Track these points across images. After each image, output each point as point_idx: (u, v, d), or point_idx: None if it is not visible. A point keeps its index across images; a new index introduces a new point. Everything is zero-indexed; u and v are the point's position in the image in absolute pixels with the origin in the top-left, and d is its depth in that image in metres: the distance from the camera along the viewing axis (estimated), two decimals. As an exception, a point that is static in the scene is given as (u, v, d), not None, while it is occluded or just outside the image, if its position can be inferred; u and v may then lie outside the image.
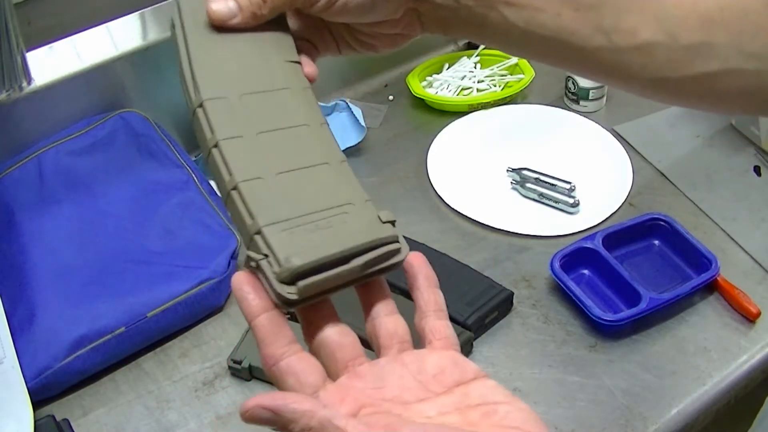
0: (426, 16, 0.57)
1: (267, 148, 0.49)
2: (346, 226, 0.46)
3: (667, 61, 0.55)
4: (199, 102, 0.50)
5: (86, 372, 0.86)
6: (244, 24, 0.54)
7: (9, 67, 0.93)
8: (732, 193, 1.07)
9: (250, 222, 0.46)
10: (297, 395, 0.41)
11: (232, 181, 0.47)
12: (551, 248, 0.96)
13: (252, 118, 0.50)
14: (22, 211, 0.95)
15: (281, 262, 0.44)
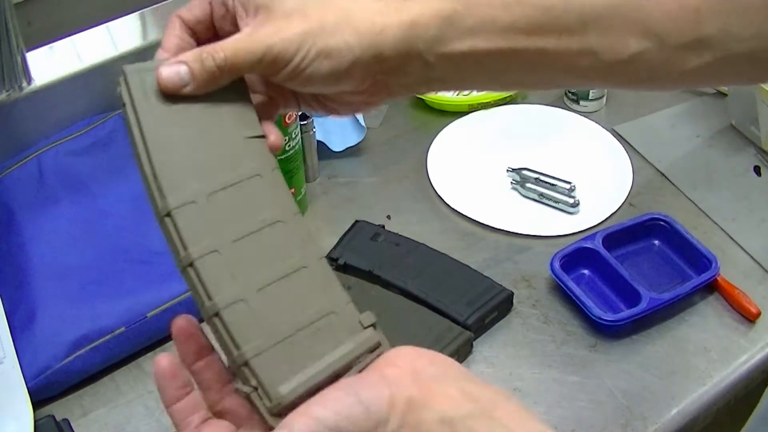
0: (395, 84, 0.54)
1: (244, 260, 0.48)
2: (330, 342, 0.47)
3: (660, 64, 0.54)
4: (167, 211, 0.47)
5: (86, 372, 0.86)
6: (198, 92, 0.50)
7: (9, 67, 0.93)
8: (732, 193, 1.07)
9: (236, 353, 0.46)
10: None
11: (212, 307, 0.46)
12: (551, 248, 0.96)
13: (224, 223, 0.48)
14: (22, 211, 0.95)
15: (271, 397, 0.45)
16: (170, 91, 0.49)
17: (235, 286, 0.47)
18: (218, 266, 0.47)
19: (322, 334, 0.47)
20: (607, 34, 0.53)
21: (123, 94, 0.50)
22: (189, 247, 0.46)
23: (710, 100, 1.21)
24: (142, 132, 0.49)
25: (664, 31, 0.53)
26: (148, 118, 0.49)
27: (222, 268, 0.47)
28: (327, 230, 1.01)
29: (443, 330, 0.87)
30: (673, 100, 1.21)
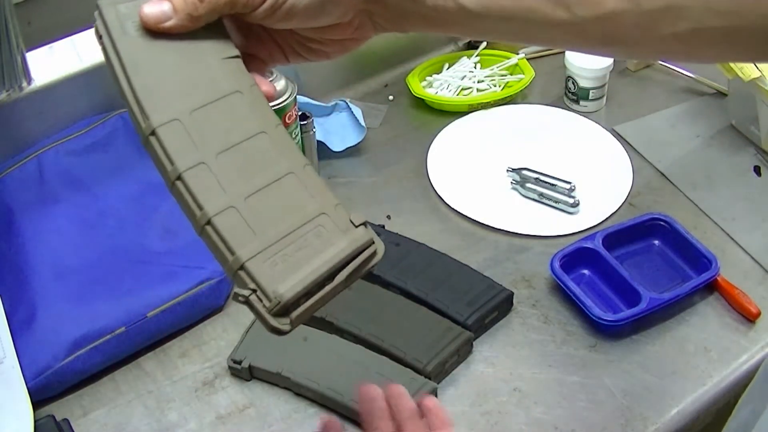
0: (378, 15, 0.55)
1: (231, 171, 0.48)
2: (323, 241, 0.47)
3: (633, 27, 0.54)
4: (151, 129, 0.48)
5: (86, 372, 0.86)
6: (180, 27, 0.51)
7: (9, 67, 0.93)
8: (732, 193, 1.07)
9: (231, 258, 0.46)
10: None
11: (204, 215, 0.47)
12: (551, 248, 0.96)
13: (207, 137, 0.49)
14: (22, 211, 0.95)
15: (270, 297, 0.45)
16: (152, 24, 0.51)
17: (225, 195, 0.47)
18: (206, 178, 0.47)
19: (315, 235, 0.47)
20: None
21: (98, 27, 0.52)
22: (176, 162, 0.47)
23: (710, 100, 1.21)
24: (120, 59, 0.50)
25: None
26: (126, 46, 0.50)
27: (210, 180, 0.47)
28: (327, 230, 1.01)
29: (443, 330, 0.87)
30: (673, 100, 1.21)
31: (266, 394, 0.86)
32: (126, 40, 0.51)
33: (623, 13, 0.53)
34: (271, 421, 0.84)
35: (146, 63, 0.50)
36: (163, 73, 0.50)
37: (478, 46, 1.28)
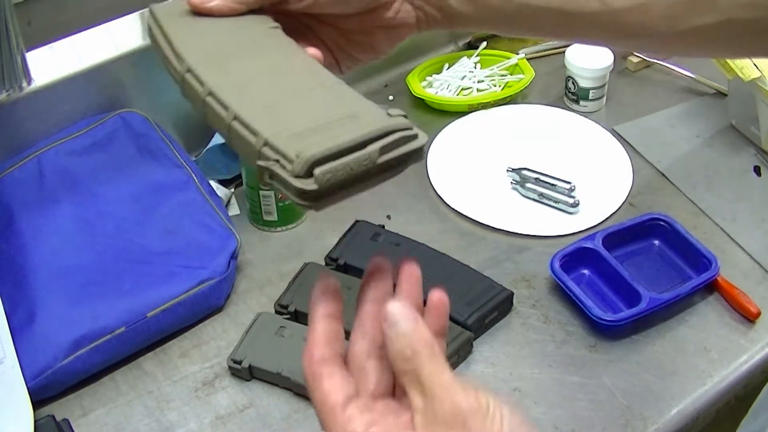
0: None
1: (262, 86, 0.48)
2: (355, 123, 0.44)
3: (664, 18, 0.55)
4: (186, 68, 0.49)
5: (86, 372, 0.86)
6: (223, 6, 0.53)
7: (9, 67, 0.93)
8: (732, 193, 1.07)
9: (254, 139, 0.44)
10: None
11: (230, 114, 0.45)
12: (551, 248, 0.96)
13: (241, 69, 0.50)
14: (22, 211, 0.95)
15: (292, 158, 0.41)
16: (197, 4, 0.53)
17: (255, 99, 0.47)
18: (235, 90, 0.47)
19: (347, 120, 0.45)
20: None
21: (150, 23, 0.54)
22: (206, 82, 0.48)
23: (710, 100, 1.21)
24: (166, 35, 0.52)
25: None
26: (173, 28, 0.53)
27: (240, 91, 0.47)
28: (327, 230, 1.01)
29: (443, 330, 0.87)
30: (673, 100, 1.21)
31: (266, 394, 0.86)
32: (173, 25, 0.53)
33: (653, 3, 0.55)
34: (271, 421, 0.84)
35: (189, 33, 0.53)
36: (204, 38, 0.52)
37: (478, 46, 1.28)
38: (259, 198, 1.01)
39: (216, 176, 1.07)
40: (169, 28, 0.53)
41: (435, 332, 0.45)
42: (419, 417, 0.42)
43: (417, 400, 0.42)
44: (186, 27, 0.53)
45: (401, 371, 0.43)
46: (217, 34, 0.53)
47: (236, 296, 0.96)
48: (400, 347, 0.42)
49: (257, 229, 1.04)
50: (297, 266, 0.96)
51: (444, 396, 0.41)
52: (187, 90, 0.50)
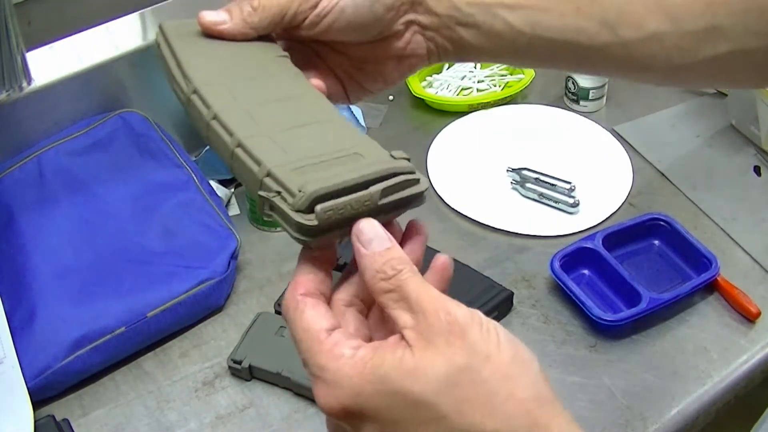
0: (429, 29, 0.56)
1: (267, 114, 0.48)
2: (359, 162, 0.44)
3: (676, 49, 0.55)
4: (192, 89, 0.49)
5: (86, 372, 0.86)
6: (234, 30, 0.53)
7: (9, 67, 0.93)
8: (732, 193, 1.07)
9: (257, 168, 0.44)
10: None
11: (234, 140, 0.45)
12: (551, 248, 0.96)
13: (247, 95, 0.50)
14: (22, 211, 0.95)
15: (295, 192, 0.41)
16: (208, 25, 0.53)
17: (259, 127, 0.47)
18: (240, 116, 0.47)
19: (350, 158, 0.45)
20: (625, 10, 0.55)
21: (158, 38, 0.54)
22: (212, 106, 0.48)
23: (710, 100, 1.21)
24: (174, 52, 0.52)
25: (680, 15, 0.54)
26: (181, 46, 0.53)
27: (245, 117, 0.47)
28: (327, 230, 1.01)
29: (443, 330, 0.87)
30: (673, 100, 1.21)
31: (266, 394, 0.86)
32: (182, 43, 0.53)
33: (665, 34, 0.54)
34: (271, 421, 0.84)
35: (197, 52, 0.53)
36: (212, 58, 0.53)
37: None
38: (259, 198, 1.00)
39: (216, 176, 1.07)
40: (177, 46, 0.53)
41: None
42: (411, 332, 0.40)
43: (405, 318, 0.40)
44: (195, 48, 0.53)
45: (382, 290, 0.41)
46: (226, 58, 0.53)
47: (236, 296, 0.96)
48: (378, 266, 0.41)
49: (257, 229, 1.04)
50: (297, 266, 0.95)
51: (437, 308, 0.40)
52: (191, 111, 0.50)
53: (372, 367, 0.39)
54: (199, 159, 1.07)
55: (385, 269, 0.41)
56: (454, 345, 0.39)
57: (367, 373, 0.39)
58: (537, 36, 0.55)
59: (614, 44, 0.55)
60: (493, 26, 0.55)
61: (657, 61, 0.56)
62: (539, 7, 0.55)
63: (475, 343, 0.39)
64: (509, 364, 0.40)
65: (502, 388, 0.39)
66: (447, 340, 0.39)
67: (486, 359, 0.39)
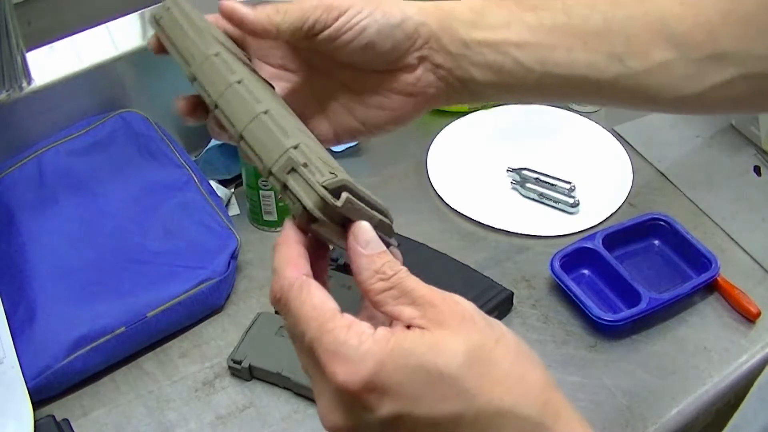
0: (442, 68, 0.56)
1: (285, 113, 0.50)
2: None
3: (684, 78, 0.55)
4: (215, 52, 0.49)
5: (86, 372, 0.86)
6: (256, 21, 0.52)
7: (9, 67, 0.93)
8: (732, 193, 1.07)
9: (285, 139, 0.44)
10: None
11: (262, 106, 0.46)
12: (551, 248, 0.96)
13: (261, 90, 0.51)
14: (22, 211, 0.95)
15: (324, 172, 0.42)
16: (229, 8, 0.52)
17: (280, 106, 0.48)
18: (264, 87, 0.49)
19: None
20: (632, 41, 0.55)
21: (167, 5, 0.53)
22: (236, 72, 0.48)
23: (710, 100, 1.21)
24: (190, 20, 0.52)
25: (685, 43, 0.54)
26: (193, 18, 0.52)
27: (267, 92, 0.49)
28: (327, 230, 1.01)
29: (443, 330, 0.87)
30: (673, 100, 1.21)
31: (266, 394, 0.86)
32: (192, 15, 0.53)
33: (672, 63, 0.55)
34: (271, 421, 0.84)
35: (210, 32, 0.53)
36: None
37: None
38: (259, 198, 1.01)
39: (216, 176, 1.07)
40: (191, 14, 0.52)
41: None
42: (420, 320, 0.41)
43: (408, 311, 0.41)
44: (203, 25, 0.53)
45: (381, 290, 0.42)
46: None
47: (236, 296, 0.96)
48: (377, 267, 0.43)
49: (257, 229, 1.04)
50: (297, 266, 0.95)
51: (444, 299, 0.42)
52: (209, 71, 0.49)
53: (395, 342, 0.40)
54: (199, 159, 1.07)
55: (385, 269, 0.43)
56: (467, 327, 0.41)
57: (391, 348, 0.39)
58: (547, 73, 0.55)
59: (624, 75, 0.55)
60: (503, 65, 0.55)
61: (667, 90, 0.56)
62: (547, 43, 0.55)
63: (483, 328, 0.41)
64: (517, 350, 0.42)
65: (514, 369, 0.41)
66: (459, 323, 0.41)
67: (496, 342, 0.41)
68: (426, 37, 0.55)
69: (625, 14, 0.55)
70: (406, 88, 0.56)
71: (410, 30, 0.54)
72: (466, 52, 0.55)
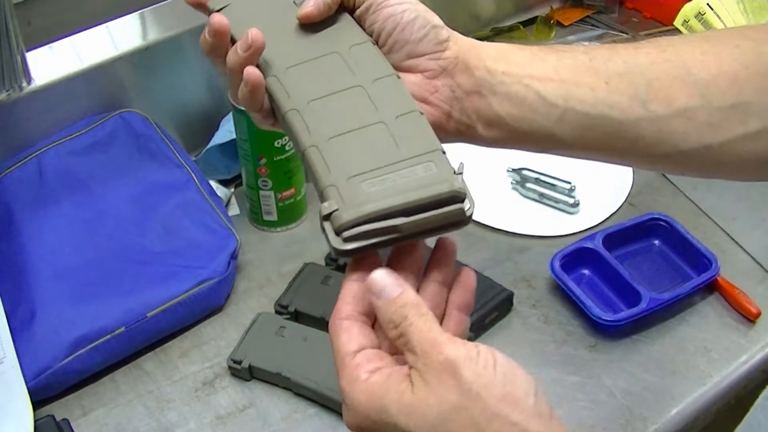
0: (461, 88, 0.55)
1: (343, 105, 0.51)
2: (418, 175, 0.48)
3: (708, 126, 0.54)
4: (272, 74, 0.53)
5: (86, 372, 0.86)
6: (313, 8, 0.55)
7: (9, 67, 0.93)
8: (732, 193, 1.07)
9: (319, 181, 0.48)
10: None
11: (302, 145, 0.49)
12: (551, 248, 0.96)
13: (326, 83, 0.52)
14: (22, 211, 0.95)
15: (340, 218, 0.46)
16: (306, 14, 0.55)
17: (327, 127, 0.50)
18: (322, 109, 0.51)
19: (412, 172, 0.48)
20: (653, 85, 0.54)
21: None
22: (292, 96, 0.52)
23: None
24: None
25: (708, 90, 0.54)
26: None
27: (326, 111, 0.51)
28: (327, 230, 1.01)
29: (443, 330, 0.87)
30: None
31: (266, 394, 0.86)
32: None
33: (695, 110, 0.54)
34: (271, 421, 0.84)
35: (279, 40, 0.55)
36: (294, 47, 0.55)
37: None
38: (258, 198, 1.01)
39: (216, 176, 1.07)
40: None
41: (458, 306, 0.49)
42: (413, 372, 0.45)
43: (410, 358, 0.45)
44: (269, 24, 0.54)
45: (394, 337, 0.46)
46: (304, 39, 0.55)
47: (236, 296, 0.96)
48: (389, 316, 0.46)
49: (257, 229, 1.04)
50: (297, 266, 0.96)
51: (432, 350, 0.44)
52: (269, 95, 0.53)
53: (378, 397, 0.45)
54: (199, 159, 1.07)
55: (394, 318, 0.46)
56: (447, 384, 0.43)
57: (373, 401, 0.45)
58: (570, 109, 0.54)
59: (646, 119, 0.54)
60: (526, 97, 0.54)
61: (690, 139, 0.54)
62: (569, 80, 0.54)
63: (465, 381, 0.43)
64: (498, 402, 0.43)
65: (491, 426, 0.42)
66: (440, 379, 0.43)
67: (476, 398, 0.43)
68: (454, 53, 0.55)
69: (647, 60, 0.55)
70: (421, 93, 0.56)
71: (443, 37, 0.55)
72: (488, 78, 0.55)
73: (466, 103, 0.56)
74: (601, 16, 1.37)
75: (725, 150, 0.55)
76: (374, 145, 0.49)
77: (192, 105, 1.10)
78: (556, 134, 0.55)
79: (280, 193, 1.00)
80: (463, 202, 0.48)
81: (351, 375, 0.46)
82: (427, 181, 0.47)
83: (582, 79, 0.54)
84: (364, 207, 0.46)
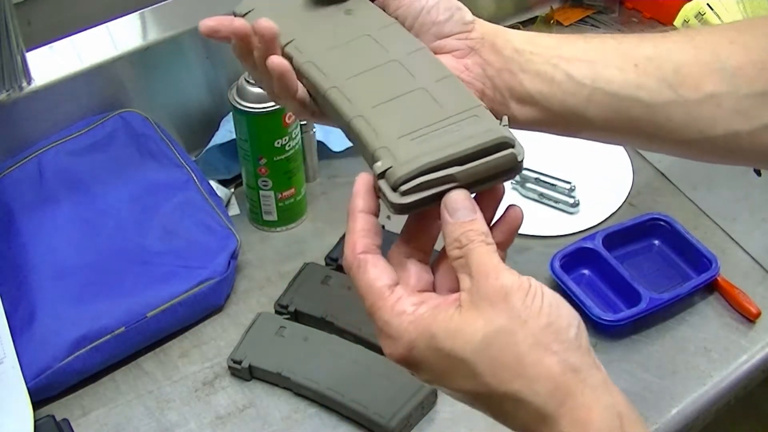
0: (492, 66, 0.56)
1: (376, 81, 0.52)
2: (467, 129, 0.48)
3: (736, 113, 0.54)
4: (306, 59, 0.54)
5: (86, 372, 0.86)
6: None
7: (9, 67, 0.93)
8: (732, 193, 1.07)
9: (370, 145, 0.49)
10: None
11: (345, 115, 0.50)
12: (551, 248, 0.96)
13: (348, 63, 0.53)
14: (22, 211, 0.95)
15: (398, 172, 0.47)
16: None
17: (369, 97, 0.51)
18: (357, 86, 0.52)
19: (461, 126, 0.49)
20: (682, 71, 0.54)
21: None
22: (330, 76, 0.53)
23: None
24: None
25: (736, 77, 0.54)
26: None
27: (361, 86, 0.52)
28: (327, 230, 1.01)
29: (443, 330, 0.87)
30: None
31: (266, 394, 0.86)
32: None
33: (723, 96, 0.54)
34: (271, 421, 0.84)
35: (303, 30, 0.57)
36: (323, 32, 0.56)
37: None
38: (258, 198, 1.01)
39: (216, 176, 1.07)
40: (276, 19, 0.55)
41: (500, 243, 0.50)
42: (465, 295, 0.45)
43: (465, 281, 0.46)
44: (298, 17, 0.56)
45: (454, 257, 0.46)
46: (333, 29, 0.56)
47: (236, 296, 0.96)
48: (456, 235, 0.46)
49: (257, 229, 1.04)
50: (297, 266, 0.96)
51: (489, 275, 0.45)
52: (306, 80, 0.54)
53: (425, 325, 0.45)
54: (199, 159, 1.07)
55: (461, 239, 0.46)
56: (497, 308, 0.44)
57: (421, 330, 0.45)
58: (598, 89, 0.54)
59: (674, 103, 0.54)
60: (554, 76, 0.55)
61: (718, 126, 0.54)
62: (598, 60, 0.55)
63: (515, 308, 0.44)
64: (542, 331, 0.44)
65: (532, 352, 0.43)
66: (491, 302, 0.44)
67: (523, 324, 0.44)
68: (480, 34, 0.56)
69: (676, 47, 0.55)
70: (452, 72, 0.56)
71: (469, 19, 0.56)
72: (517, 57, 0.55)
73: (498, 81, 0.56)
74: (601, 16, 1.37)
75: (753, 138, 0.55)
76: (418, 107, 0.50)
77: (192, 105, 1.10)
78: (587, 115, 0.56)
79: (280, 193, 1.00)
80: (514, 148, 0.48)
81: (395, 308, 0.46)
82: (475, 132, 0.48)
83: (610, 60, 0.55)
84: (419, 159, 0.46)
